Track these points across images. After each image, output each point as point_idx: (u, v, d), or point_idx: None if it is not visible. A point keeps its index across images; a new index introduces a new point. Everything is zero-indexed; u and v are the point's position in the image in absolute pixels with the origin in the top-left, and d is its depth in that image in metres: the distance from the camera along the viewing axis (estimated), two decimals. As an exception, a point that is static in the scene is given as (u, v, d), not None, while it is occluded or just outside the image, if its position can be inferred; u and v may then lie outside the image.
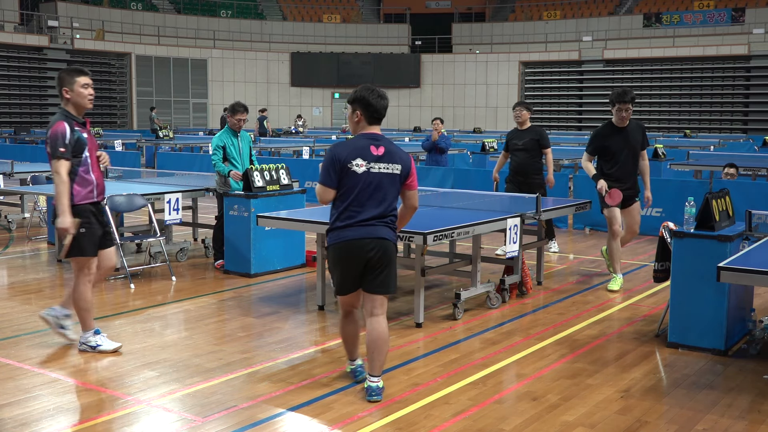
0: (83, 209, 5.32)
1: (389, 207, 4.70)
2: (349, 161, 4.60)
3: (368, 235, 4.63)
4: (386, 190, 4.66)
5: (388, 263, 4.70)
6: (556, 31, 37.57)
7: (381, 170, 4.64)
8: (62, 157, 5.18)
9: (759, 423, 4.46)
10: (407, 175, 4.75)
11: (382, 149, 4.67)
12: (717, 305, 5.64)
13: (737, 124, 33.21)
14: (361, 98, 4.72)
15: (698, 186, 10.70)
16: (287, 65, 38.36)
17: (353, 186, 4.61)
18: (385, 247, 4.67)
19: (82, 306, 5.48)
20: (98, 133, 24.40)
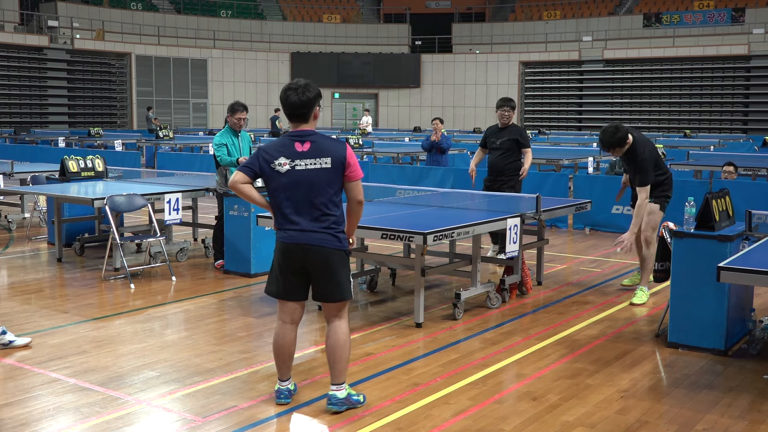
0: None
1: (328, 207, 4.40)
2: (272, 160, 4.39)
3: (308, 241, 4.40)
4: (319, 188, 4.36)
5: (331, 271, 4.43)
6: (556, 31, 37.56)
7: (308, 167, 4.35)
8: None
9: (759, 423, 4.46)
10: (342, 165, 4.38)
11: (307, 145, 4.39)
12: (717, 305, 5.64)
13: (737, 124, 33.20)
14: (280, 95, 4.51)
15: (698, 186, 10.69)
16: (287, 65, 38.35)
17: (281, 186, 4.40)
18: (326, 255, 4.41)
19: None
20: (98, 132, 24.41)
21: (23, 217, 11.38)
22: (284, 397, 4.67)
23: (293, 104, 4.41)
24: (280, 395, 4.66)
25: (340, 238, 4.47)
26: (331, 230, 4.43)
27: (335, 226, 4.45)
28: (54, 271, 8.42)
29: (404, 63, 38.68)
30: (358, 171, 4.47)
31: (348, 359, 4.58)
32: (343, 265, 4.51)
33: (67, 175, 9.68)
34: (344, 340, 4.51)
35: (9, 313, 6.65)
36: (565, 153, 16.84)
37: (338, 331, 4.51)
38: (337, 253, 4.46)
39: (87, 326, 6.28)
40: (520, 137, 8.76)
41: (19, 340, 5.70)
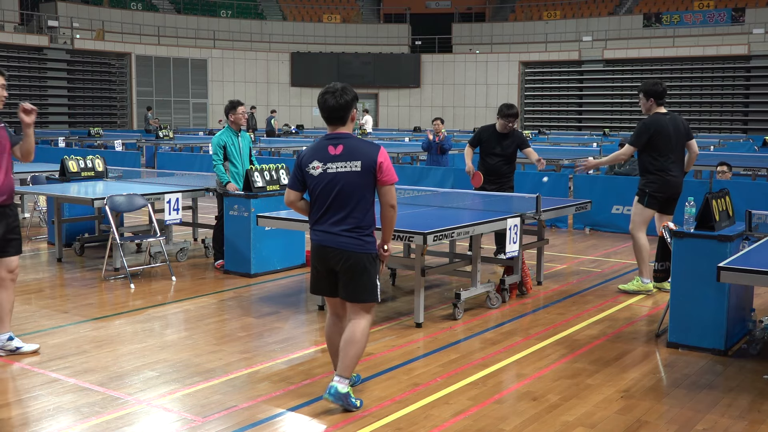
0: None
1: (355, 210, 4.44)
2: (307, 165, 4.51)
3: (331, 243, 4.48)
4: (349, 191, 4.42)
5: (354, 274, 4.49)
6: (556, 31, 37.56)
7: (338, 170, 4.43)
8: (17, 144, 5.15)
9: (759, 423, 4.46)
10: (373, 169, 4.42)
11: (340, 148, 4.47)
12: (717, 305, 5.64)
13: (737, 124, 33.20)
14: (317, 98, 4.61)
15: (698, 186, 10.69)
16: (287, 65, 38.35)
17: (313, 189, 4.50)
18: (349, 259, 4.47)
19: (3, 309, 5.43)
20: (98, 132, 24.40)
21: (23, 217, 11.38)
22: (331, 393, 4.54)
23: (331, 107, 4.49)
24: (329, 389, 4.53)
25: (365, 241, 4.49)
26: (355, 233, 4.46)
27: (359, 230, 4.47)
28: (54, 271, 8.42)
29: (404, 63, 38.67)
30: (392, 175, 4.48)
31: (359, 357, 4.58)
32: (367, 268, 4.50)
33: (67, 175, 9.68)
34: (359, 338, 4.52)
35: (9, 313, 6.65)
36: (565, 153, 16.84)
37: (356, 328, 4.54)
38: (361, 256, 4.48)
39: (87, 326, 6.28)
40: (522, 143, 8.77)
41: (27, 347, 5.57)
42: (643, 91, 7.35)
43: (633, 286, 7.57)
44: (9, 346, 5.53)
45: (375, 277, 4.55)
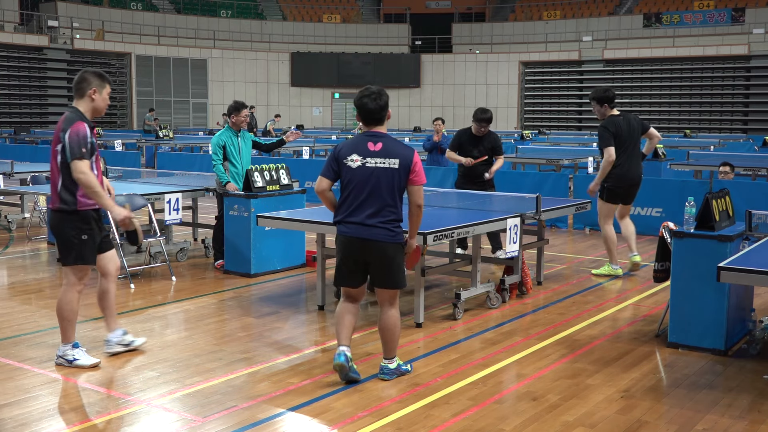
0: (86, 215, 5.15)
1: (387, 203, 4.79)
2: (345, 156, 4.82)
3: (362, 235, 4.80)
4: (384, 185, 4.76)
5: (384, 263, 4.86)
6: (556, 31, 37.56)
7: (377, 164, 4.76)
8: (84, 158, 4.98)
9: (759, 423, 4.46)
10: (408, 169, 4.79)
11: (379, 145, 4.80)
12: (717, 305, 5.64)
13: (737, 124, 33.20)
14: (355, 101, 4.93)
15: (698, 186, 10.69)
16: (287, 65, 38.35)
17: (350, 180, 4.80)
18: (379, 249, 4.82)
19: (68, 316, 5.24)
20: (98, 132, 24.41)
21: (23, 217, 11.38)
22: (340, 358, 4.89)
23: (371, 110, 4.85)
24: (339, 356, 4.90)
25: (396, 232, 4.86)
26: (389, 225, 4.82)
27: (393, 222, 4.84)
28: (54, 271, 8.42)
29: (404, 63, 38.68)
30: (422, 177, 4.86)
31: (397, 339, 5.05)
32: (397, 257, 4.90)
33: (67, 175, 9.66)
34: (394, 324, 4.98)
35: (9, 313, 6.65)
36: (565, 153, 16.84)
37: (389, 316, 4.98)
38: (393, 246, 4.86)
39: (87, 326, 6.27)
40: (494, 148, 8.85)
41: (138, 341, 5.66)
42: (596, 99, 8.07)
43: (603, 271, 8.32)
44: (125, 341, 5.59)
45: (402, 264, 4.97)
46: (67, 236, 5.14)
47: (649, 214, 11.08)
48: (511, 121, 36.81)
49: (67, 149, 4.99)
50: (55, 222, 5.19)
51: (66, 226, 5.13)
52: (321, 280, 6.89)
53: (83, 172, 4.94)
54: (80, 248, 5.16)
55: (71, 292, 5.23)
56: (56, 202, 5.15)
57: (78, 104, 5.23)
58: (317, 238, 6.96)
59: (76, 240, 5.14)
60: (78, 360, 5.24)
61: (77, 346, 5.31)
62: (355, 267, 4.93)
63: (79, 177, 4.96)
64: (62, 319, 5.25)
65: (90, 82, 5.20)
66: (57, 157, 5.11)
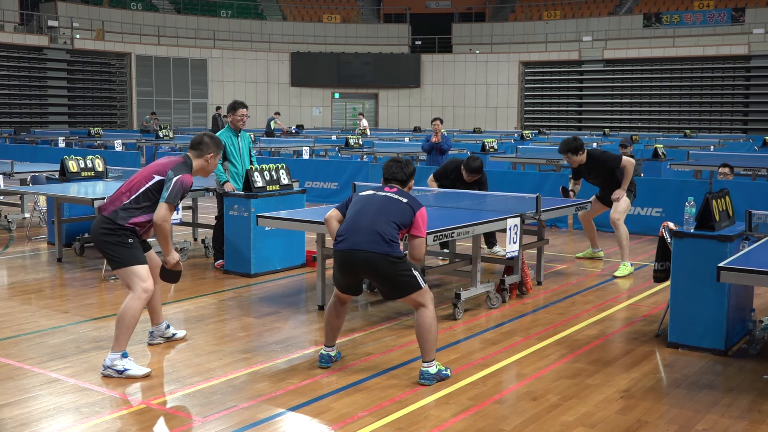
0: (133, 229, 5.22)
1: (388, 227, 4.93)
2: (362, 191, 5.21)
3: (353, 247, 4.95)
4: (387, 211, 4.98)
5: (384, 275, 4.96)
6: (556, 31, 37.57)
7: (387, 194, 5.08)
8: (174, 205, 5.16)
9: (759, 423, 4.46)
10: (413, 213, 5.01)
11: (395, 189, 5.16)
12: (717, 305, 5.64)
13: (737, 124, 33.21)
14: (383, 166, 5.32)
15: (698, 186, 10.69)
16: (287, 65, 38.35)
17: (356, 202, 5.13)
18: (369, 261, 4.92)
19: (129, 323, 5.11)
20: (98, 132, 24.41)
21: (23, 217, 11.38)
22: (325, 362, 5.25)
23: (394, 172, 5.24)
24: (321, 359, 5.27)
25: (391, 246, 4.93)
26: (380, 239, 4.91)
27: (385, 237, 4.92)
28: (54, 271, 8.42)
29: (404, 63, 38.68)
30: (423, 229, 5.06)
31: (435, 340, 5.02)
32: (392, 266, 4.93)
33: (67, 175, 9.68)
34: (429, 324, 4.98)
35: (9, 313, 6.65)
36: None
37: (422, 317, 5.00)
38: (383, 257, 4.91)
39: (87, 326, 6.28)
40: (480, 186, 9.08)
41: (179, 333, 5.91)
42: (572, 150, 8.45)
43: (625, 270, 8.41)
44: (167, 334, 5.81)
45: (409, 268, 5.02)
46: (116, 243, 5.17)
47: (649, 214, 11.08)
48: (511, 121, 36.83)
49: (168, 190, 5.14)
50: (101, 230, 5.18)
51: (113, 236, 5.17)
52: (321, 280, 6.89)
53: (165, 219, 5.15)
54: (133, 250, 5.20)
55: (136, 300, 5.14)
56: (109, 212, 5.19)
57: (193, 158, 5.44)
58: (317, 238, 6.96)
59: (126, 245, 5.18)
60: (129, 370, 5.08)
61: (126, 356, 5.15)
62: (349, 280, 5.11)
63: (157, 223, 5.14)
64: (122, 326, 5.11)
65: (210, 147, 5.47)
66: (149, 181, 5.21)
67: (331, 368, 5.28)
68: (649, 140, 23.47)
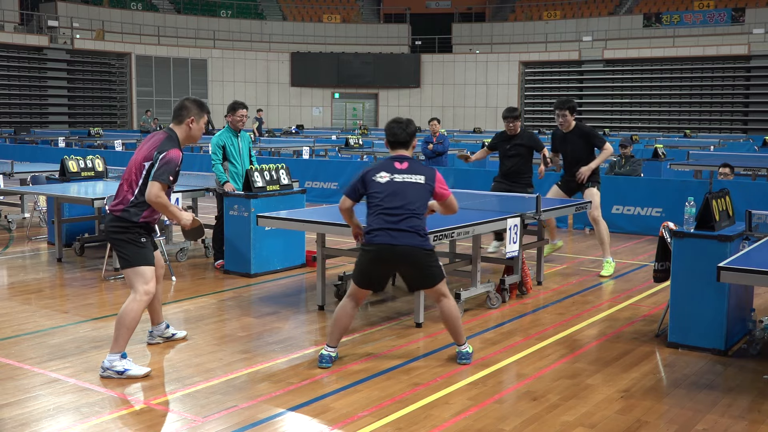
0: (146, 225, 5.23)
1: (415, 213, 5.14)
2: (374, 175, 5.21)
3: (392, 242, 5.10)
4: (411, 197, 5.15)
5: (417, 268, 5.21)
6: (556, 31, 37.57)
7: (404, 179, 5.17)
8: (164, 183, 5.07)
9: (759, 423, 4.46)
10: (433, 185, 5.24)
11: (405, 164, 5.24)
12: (717, 305, 5.64)
13: (737, 124, 33.22)
14: (385, 128, 5.43)
15: (698, 186, 10.69)
16: (287, 65, 38.36)
17: (379, 193, 5.16)
18: (410, 255, 5.13)
19: (130, 325, 5.08)
20: (98, 132, 24.41)
21: (23, 217, 11.38)
22: (326, 362, 5.27)
23: (397, 134, 5.32)
24: (322, 359, 5.28)
25: (425, 237, 5.21)
26: (419, 231, 5.15)
27: (421, 229, 5.18)
28: (54, 271, 8.42)
29: (404, 63, 38.68)
30: (448, 190, 5.34)
31: (461, 324, 5.40)
32: (426, 257, 5.21)
33: (67, 175, 9.68)
34: (456, 311, 5.35)
35: (9, 313, 6.66)
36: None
37: (445, 306, 5.32)
38: (422, 251, 5.18)
39: (87, 326, 6.28)
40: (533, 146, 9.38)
41: (179, 333, 5.90)
42: (570, 108, 8.65)
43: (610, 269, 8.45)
44: (166, 334, 5.81)
45: (436, 260, 5.32)
46: (129, 241, 5.16)
47: (649, 214, 11.08)
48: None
49: (155, 168, 5.08)
50: (112, 228, 5.19)
51: (127, 234, 5.16)
52: (321, 280, 6.89)
53: (158, 195, 5.05)
54: (144, 251, 5.19)
55: (137, 302, 5.11)
56: (118, 211, 5.17)
57: (175, 128, 5.35)
58: (317, 238, 6.96)
59: (138, 244, 5.17)
60: (129, 370, 5.06)
61: (125, 356, 5.13)
62: (383, 273, 5.29)
63: (153, 201, 5.07)
64: (122, 327, 5.07)
65: (189, 110, 5.34)
66: (142, 171, 5.17)
67: (331, 368, 5.28)
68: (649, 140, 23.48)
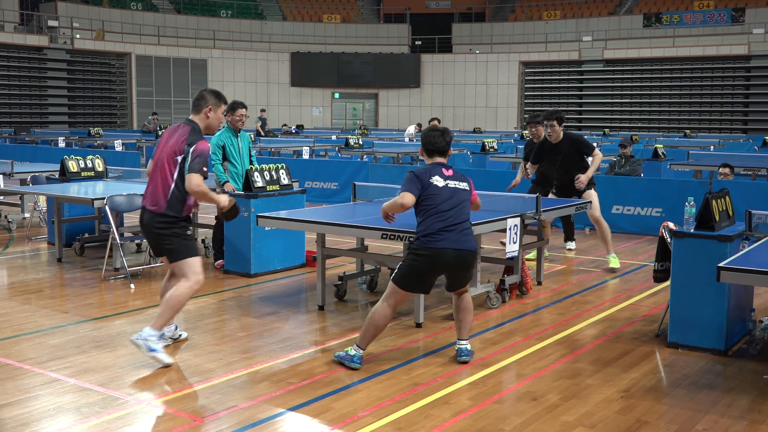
0: (188, 217, 5.45)
1: (468, 217, 5.44)
2: (430, 177, 5.36)
3: (457, 246, 5.25)
4: (464, 202, 5.43)
5: (468, 269, 5.43)
6: (556, 31, 37.57)
7: (456, 186, 5.41)
8: (202, 174, 5.25)
9: (759, 423, 4.46)
10: (471, 192, 5.58)
11: (450, 171, 5.49)
12: (717, 305, 5.64)
13: (737, 124, 33.21)
14: (422, 137, 5.62)
15: (698, 186, 10.69)
16: (287, 65, 38.35)
17: (437, 196, 5.31)
18: (468, 258, 5.35)
19: (176, 307, 5.34)
20: (98, 132, 24.41)
21: (23, 217, 11.38)
22: (359, 361, 5.28)
23: (437, 143, 5.51)
24: (354, 359, 5.29)
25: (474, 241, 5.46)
26: (471, 234, 5.42)
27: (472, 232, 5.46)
28: (54, 271, 8.42)
29: (404, 63, 38.68)
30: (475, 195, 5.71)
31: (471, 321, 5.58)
32: (476, 260, 5.63)
33: (67, 175, 9.68)
34: (469, 306, 5.55)
35: (9, 313, 6.66)
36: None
37: (467, 299, 5.54)
38: (474, 254, 5.47)
39: (87, 326, 6.28)
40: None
41: (184, 334, 5.96)
42: (558, 119, 8.64)
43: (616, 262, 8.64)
44: (175, 335, 5.85)
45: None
46: (176, 235, 5.36)
47: (649, 214, 11.09)
48: (511, 121, 36.82)
49: (189, 161, 5.23)
50: (159, 225, 5.35)
51: (173, 228, 5.35)
52: (321, 280, 6.89)
53: (199, 185, 5.22)
54: (191, 243, 5.44)
55: (189, 288, 5.34)
56: (162, 208, 5.32)
57: (194, 118, 5.49)
58: (317, 238, 6.96)
59: (185, 237, 5.39)
60: (157, 352, 5.25)
61: (162, 337, 5.46)
62: (437, 275, 5.38)
63: (195, 191, 5.23)
64: (169, 308, 5.32)
65: (207, 100, 5.49)
66: (174, 166, 5.30)
67: (331, 368, 5.28)
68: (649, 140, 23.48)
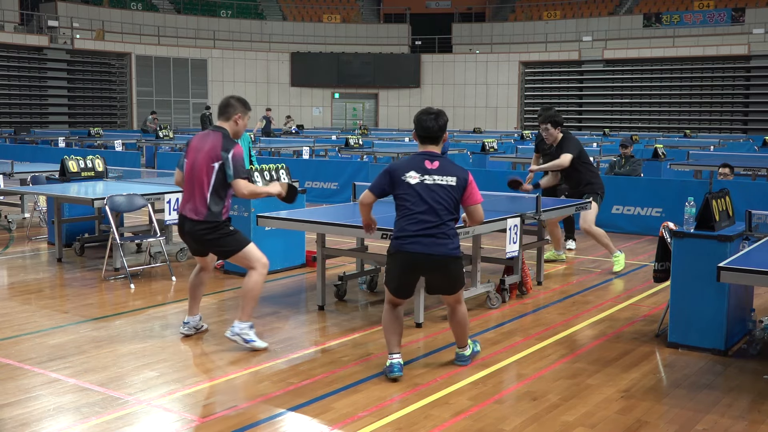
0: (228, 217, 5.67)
1: (446, 219, 4.91)
2: (403, 174, 4.94)
3: (424, 250, 4.90)
4: (443, 201, 4.89)
5: (446, 275, 5.04)
6: (556, 31, 37.57)
7: (435, 181, 4.90)
8: (247, 177, 5.53)
9: (759, 423, 4.46)
10: (464, 188, 4.96)
11: (436, 164, 4.96)
12: (717, 305, 5.64)
13: (737, 124, 33.21)
14: (414, 119, 5.10)
15: (698, 186, 10.69)
16: (287, 65, 38.35)
17: (408, 195, 4.92)
18: (440, 263, 4.95)
19: (256, 296, 5.62)
20: (98, 132, 24.40)
21: (23, 217, 11.38)
22: (398, 370, 5.05)
23: (429, 128, 5.01)
24: (393, 368, 5.05)
25: (455, 245, 5.00)
26: (449, 239, 4.94)
27: (451, 236, 4.96)
28: (54, 271, 8.42)
29: (404, 63, 38.68)
30: (478, 195, 5.05)
31: (468, 330, 5.39)
32: (456, 265, 5.05)
33: (67, 175, 9.68)
34: (465, 319, 5.29)
35: (9, 313, 6.66)
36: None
37: (460, 313, 5.25)
38: (452, 259, 5.00)
39: (87, 326, 6.28)
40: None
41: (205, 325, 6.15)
42: (553, 122, 8.45)
43: (621, 263, 8.58)
44: (199, 326, 6.05)
45: (461, 267, 5.15)
46: (223, 236, 5.57)
47: (649, 214, 11.08)
48: (511, 121, 36.83)
49: (231, 168, 5.43)
50: (203, 232, 5.56)
51: (218, 231, 5.56)
52: (321, 280, 6.89)
53: (247, 187, 5.51)
54: (238, 235, 5.64)
55: (260, 274, 5.59)
56: (202, 215, 5.51)
57: (223, 125, 5.65)
58: (317, 238, 6.96)
59: (231, 234, 5.60)
60: (254, 342, 5.58)
61: (252, 327, 5.65)
62: (413, 279, 5.13)
63: (246, 194, 5.52)
64: (249, 298, 5.58)
65: (236, 108, 5.65)
66: (211, 172, 5.46)
67: (331, 368, 5.29)
68: (649, 140, 23.48)
